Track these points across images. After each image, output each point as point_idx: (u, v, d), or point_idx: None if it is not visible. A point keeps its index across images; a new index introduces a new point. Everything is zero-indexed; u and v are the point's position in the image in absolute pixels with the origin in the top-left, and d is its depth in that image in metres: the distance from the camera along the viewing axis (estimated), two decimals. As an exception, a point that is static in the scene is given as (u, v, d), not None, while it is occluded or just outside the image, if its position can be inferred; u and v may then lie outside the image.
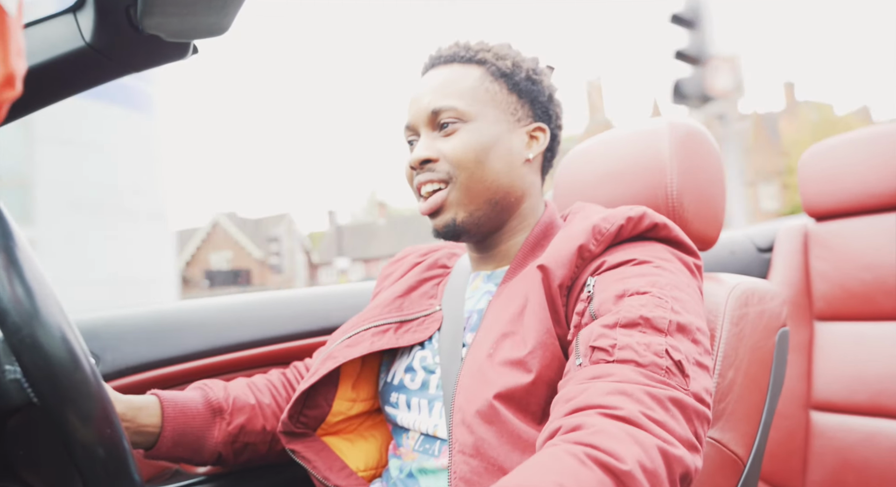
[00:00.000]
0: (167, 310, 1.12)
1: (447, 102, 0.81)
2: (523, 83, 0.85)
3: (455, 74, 0.83)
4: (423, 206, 0.83)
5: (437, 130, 0.82)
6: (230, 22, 0.72)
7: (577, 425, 0.55)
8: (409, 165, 0.83)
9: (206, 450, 0.88)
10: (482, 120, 0.81)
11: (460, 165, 0.79)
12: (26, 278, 0.47)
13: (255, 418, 0.91)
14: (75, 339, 0.49)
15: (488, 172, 0.80)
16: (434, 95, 0.82)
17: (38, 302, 0.47)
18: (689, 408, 0.58)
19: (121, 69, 0.79)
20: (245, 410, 0.91)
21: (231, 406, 0.90)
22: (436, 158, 0.80)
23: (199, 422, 0.87)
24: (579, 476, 0.49)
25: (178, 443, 0.85)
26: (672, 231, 0.76)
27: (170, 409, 0.84)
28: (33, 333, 0.46)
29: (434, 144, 0.81)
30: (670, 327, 0.63)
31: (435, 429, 0.78)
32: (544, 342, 0.69)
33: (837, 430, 1.35)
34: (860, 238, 1.41)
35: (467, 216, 0.81)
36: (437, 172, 0.81)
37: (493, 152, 0.81)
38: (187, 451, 0.86)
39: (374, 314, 0.89)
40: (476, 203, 0.81)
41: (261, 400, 0.93)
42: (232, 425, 0.89)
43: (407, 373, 0.84)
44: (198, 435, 0.87)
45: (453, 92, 0.81)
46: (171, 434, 0.84)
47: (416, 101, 0.84)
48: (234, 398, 0.91)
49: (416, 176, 0.82)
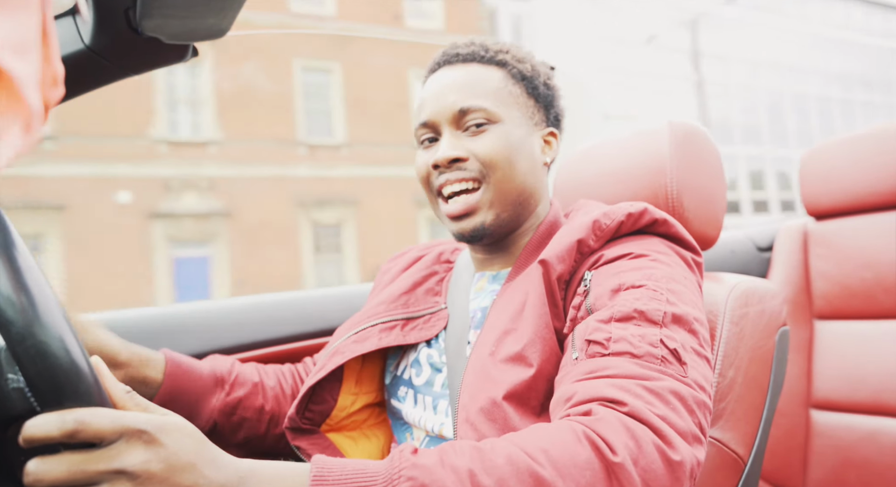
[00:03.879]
0: (167, 313, 1.12)
1: (476, 102, 0.79)
2: (541, 88, 0.85)
3: (478, 73, 0.82)
4: (450, 208, 0.80)
5: (461, 130, 0.80)
6: (229, 24, 0.72)
7: (585, 411, 0.56)
8: (433, 165, 0.80)
9: (201, 415, 0.89)
10: (509, 122, 0.80)
11: (493, 165, 0.78)
12: (29, 287, 0.47)
13: (254, 395, 0.93)
14: (78, 347, 0.49)
15: (517, 173, 0.80)
16: (460, 94, 0.80)
17: (41, 311, 0.47)
18: (689, 398, 0.58)
19: (120, 72, 0.79)
20: (246, 385, 0.93)
21: (233, 379, 0.92)
22: (465, 156, 0.78)
23: (199, 386, 0.89)
24: (568, 449, 0.51)
25: (174, 401, 0.86)
26: (672, 227, 0.77)
27: (173, 367, 0.87)
28: (37, 342, 0.46)
29: (461, 143, 0.79)
30: (665, 318, 0.63)
31: (441, 428, 0.78)
32: (543, 336, 0.70)
33: (838, 429, 1.35)
34: (860, 237, 1.41)
35: (495, 219, 0.80)
36: (469, 170, 0.78)
37: (520, 154, 0.80)
38: (183, 411, 0.86)
39: (380, 311, 0.90)
40: (504, 205, 0.80)
41: (265, 381, 0.95)
42: (231, 396, 0.91)
43: (414, 368, 0.85)
44: (195, 398, 0.88)
45: (481, 92, 0.80)
46: (169, 390, 0.86)
47: (438, 98, 0.81)
48: (238, 373, 0.94)
49: (441, 175, 0.80)
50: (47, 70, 0.33)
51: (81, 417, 0.46)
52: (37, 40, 0.31)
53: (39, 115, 0.30)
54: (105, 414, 0.47)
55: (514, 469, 0.50)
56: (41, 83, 0.33)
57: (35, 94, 0.30)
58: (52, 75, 0.33)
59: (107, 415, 0.47)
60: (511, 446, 0.52)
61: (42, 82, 0.33)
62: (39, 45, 0.31)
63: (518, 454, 0.51)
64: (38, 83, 0.30)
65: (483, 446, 0.53)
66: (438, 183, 0.81)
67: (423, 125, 0.83)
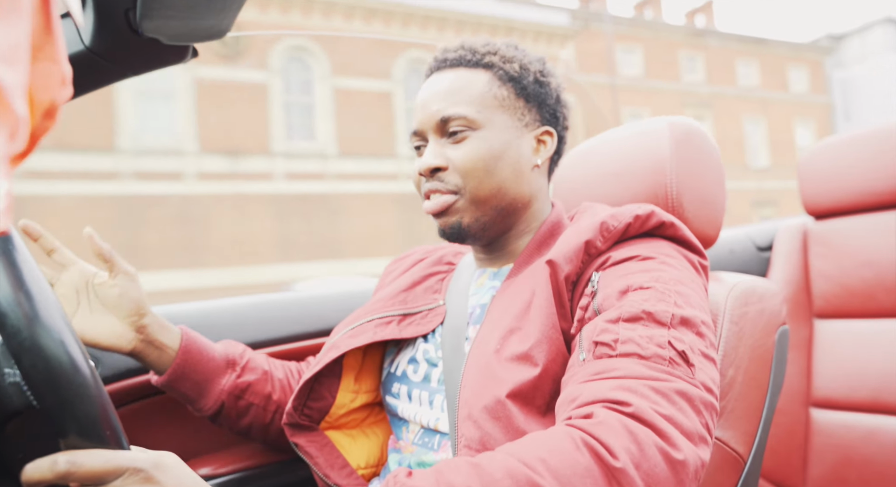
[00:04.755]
0: (165, 313, 1.12)
1: (456, 110, 0.79)
2: (531, 87, 0.84)
3: (462, 79, 0.82)
4: (427, 205, 0.82)
5: (445, 137, 0.81)
6: (229, 25, 0.72)
7: (586, 414, 0.56)
8: (418, 172, 0.82)
9: (211, 394, 0.91)
10: (491, 127, 0.80)
11: (469, 174, 0.79)
12: (25, 281, 0.47)
13: (264, 382, 0.95)
14: (75, 342, 0.49)
15: (496, 180, 0.80)
16: (443, 103, 0.81)
17: (38, 305, 0.47)
18: (696, 398, 0.58)
19: (120, 72, 0.79)
20: (256, 371, 0.95)
21: (244, 363, 0.94)
22: (444, 165, 0.80)
23: (211, 365, 0.91)
24: (567, 457, 0.51)
25: (186, 376, 0.88)
26: (679, 230, 0.77)
27: (188, 341, 0.89)
28: (33, 336, 0.46)
29: (443, 151, 0.80)
30: (673, 320, 0.63)
31: (436, 423, 0.78)
32: (550, 336, 0.70)
33: (838, 427, 1.35)
34: (860, 236, 1.41)
35: (473, 221, 0.80)
36: (446, 183, 0.80)
37: (501, 161, 0.80)
38: (193, 388, 0.90)
39: (378, 307, 0.90)
40: (482, 210, 0.80)
41: (273, 371, 0.97)
42: (241, 379, 0.93)
43: (410, 364, 0.85)
44: (207, 376, 0.90)
45: (462, 99, 0.80)
46: (181, 363, 0.87)
47: (425, 107, 0.82)
48: (250, 359, 0.96)
49: (425, 184, 0.82)
50: (55, 70, 0.33)
51: (74, 458, 0.46)
52: (26, 47, 0.31)
53: (25, 122, 0.30)
54: (98, 455, 0.47)
55: (514, 483, 0.49)
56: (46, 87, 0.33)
57: (21, 101, 0.30)
58: (60, 76, 0.34)
59: (100, 456, 0.47)
60: (509, 458, 0.52)
61: (51, 83, 0.33)
62: (29, 52, 0.31)
63: (517, 466, 0.51)
64: (25, 91, 0.30)
65: (480, 461, 0.53)
66: (425, 190, 0.82)
67: (414, 134, 0.85)
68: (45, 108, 0.34)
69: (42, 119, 0.34)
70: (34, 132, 0.33)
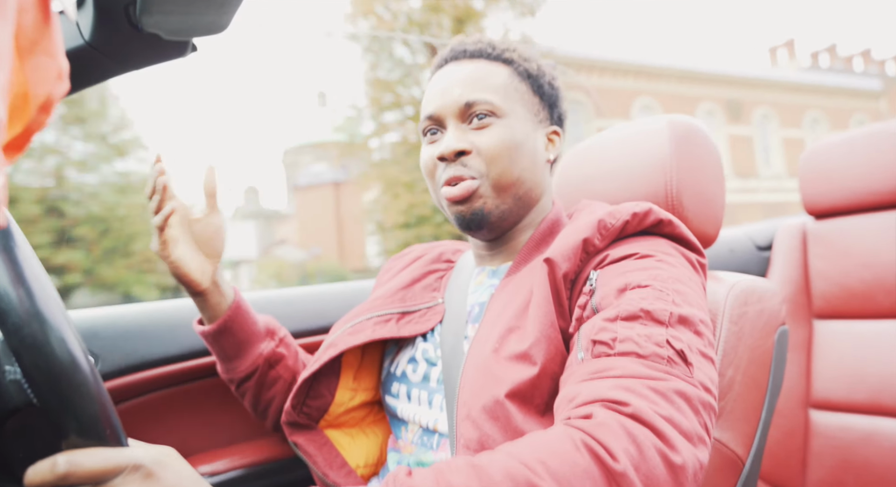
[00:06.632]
0: (166, 308, 1.12)
1: (482, 96, 0.80)
2: (546, 87, 0.86)
3: (484, 69, 0.83)
4: (451, 191, 0.80)
5: (466, 123, 0.81)
6: (229, 20, 0.72)
7: (585, 414, 0.56)
8: (438, 156, 0.80)
9: (248, 356, 0.93)
10: (514, 117, 0.81)
11: (494, 160, 0.79)
12: (26, 278, 0.47)
13: (294, 360, 0.98)
14: (75, 339, 0.48)
15: (518, 168, 0.80)
16: (466, 88, 0.81)
17: (38, 302, 0.47)
18: (695, 398, 0.57)
19: (120, 68, 0.79)
20: (290, 349, 0.99)
21: (282, 336, 0.98)
22: (469, 149, 0.79)
23: (254, 329, 0.94)
24: (567, 459, 0.50)
25: (232, 332, 0.91)
26: (677, 228, 0.77)
27: (240, 299, 0.92)
28: (33, 333, 0.46)
29: (466, 136, 0.80)
30: (671, 318, 0.63)
31: (435, 423, 0.78)
32: (548, 335, 0.69)
33: (837, 429, 1.35)
34: (860, 236, 1.41)
35: (494, 208, 0.80)
36: (469, 168, 0.79)
37: (522, 151, 0.81)
38: (233, 346, 0.92)
39: (377, 305, 0.90)
40: (502, 197, 0.80)
41: (300, 355, 1.01)
42: (278, 349, 0.96)
43: (410, 364, 0.85)
44: (248, 338, 0.93)
45: (487, 86, 0.81)
46: (233, 317, 0.91)
47: (445, 92, 0.82)
48: (286, 336, 1.00)
49: (446, 169, 0.80)
50: (52, 65, 0.33)
51: (73, 459, 0.46)
52: (9, 49, 0.31)
53: (3, 124, 0.30)
54: (98, 454, 0.47)
55: (513, 484, 0.49)
56: (43, 81, 0.33)
57: (1, 104, 0.30)
58: (56, 70, 0.33)
59: (100, 455, 0.47)
60: (508, 459, 0.52)
61: (47, 78, 0.33)
62: (12, 54, 0.31)
63: (516, 467, 0.50)
64: (5, 93, 0.30)
65: (479, 461, 0.52)
66: (446, 176, 0.80)
67: (428, 118, 0.84)
68: (40, 102, 0.34)
69: (38, 113, 0.34)
70: (30, 127, 0.33)
